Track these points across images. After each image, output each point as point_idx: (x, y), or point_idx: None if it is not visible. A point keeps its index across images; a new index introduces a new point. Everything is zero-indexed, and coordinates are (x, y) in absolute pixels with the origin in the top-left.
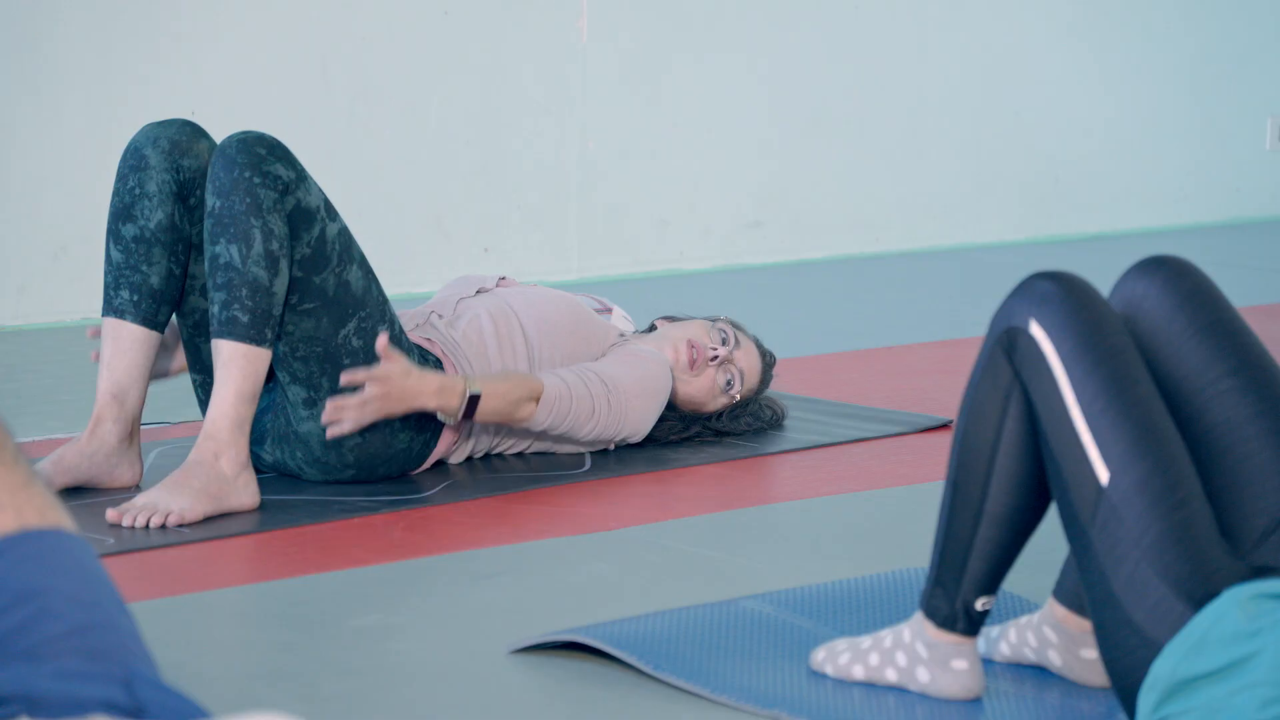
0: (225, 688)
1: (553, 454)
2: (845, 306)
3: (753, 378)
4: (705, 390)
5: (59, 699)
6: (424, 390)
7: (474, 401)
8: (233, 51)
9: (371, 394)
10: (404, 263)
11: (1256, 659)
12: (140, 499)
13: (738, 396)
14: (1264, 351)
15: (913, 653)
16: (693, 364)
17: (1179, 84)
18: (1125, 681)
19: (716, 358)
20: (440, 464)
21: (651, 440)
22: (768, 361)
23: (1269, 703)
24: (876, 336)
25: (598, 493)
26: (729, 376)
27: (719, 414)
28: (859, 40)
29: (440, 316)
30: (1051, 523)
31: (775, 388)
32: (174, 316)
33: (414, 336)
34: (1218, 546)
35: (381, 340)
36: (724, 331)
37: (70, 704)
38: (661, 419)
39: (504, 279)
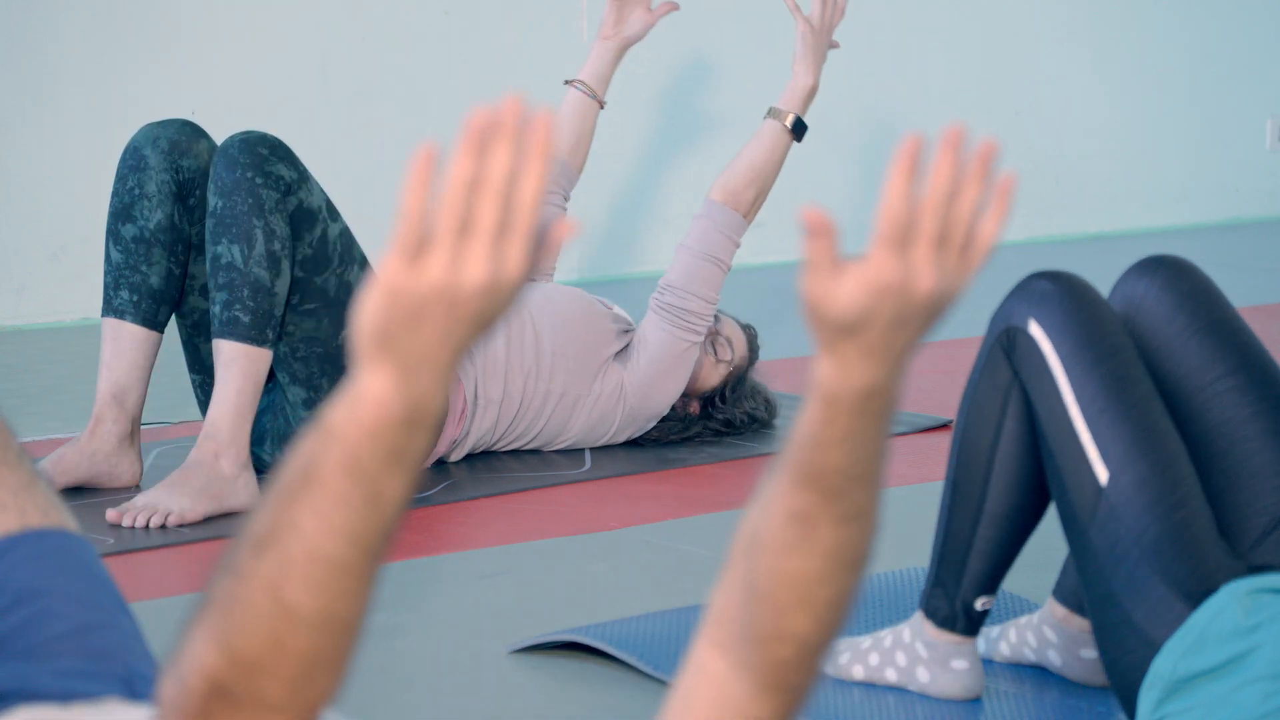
0: None
1: (551, 453)
2: None
3: (741, 346)
4: (705, 365)
5: (59, 697)
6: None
7: (801, 130)
8: (233, 51)
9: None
10: None
11: (1256, 654)
12: (140, 499)
13: (732, 361)
14: (1264, 351)
15: (912, 652)
16: None
17: (1179, 84)
18: (1125, 681)
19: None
20: (440, 464)
21: (652, 440)
22: (751, 333)
23: (1270, 695)
24: None
25: (598, 493)
26: (718, 345)
27: (722, 392)
28: (858, 40)
29: None
30: (1051, 523)
31: (775, 388)
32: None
33: None
34: (1217, 546)
35: None
36: None
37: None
38: (662, 418)
39: None
